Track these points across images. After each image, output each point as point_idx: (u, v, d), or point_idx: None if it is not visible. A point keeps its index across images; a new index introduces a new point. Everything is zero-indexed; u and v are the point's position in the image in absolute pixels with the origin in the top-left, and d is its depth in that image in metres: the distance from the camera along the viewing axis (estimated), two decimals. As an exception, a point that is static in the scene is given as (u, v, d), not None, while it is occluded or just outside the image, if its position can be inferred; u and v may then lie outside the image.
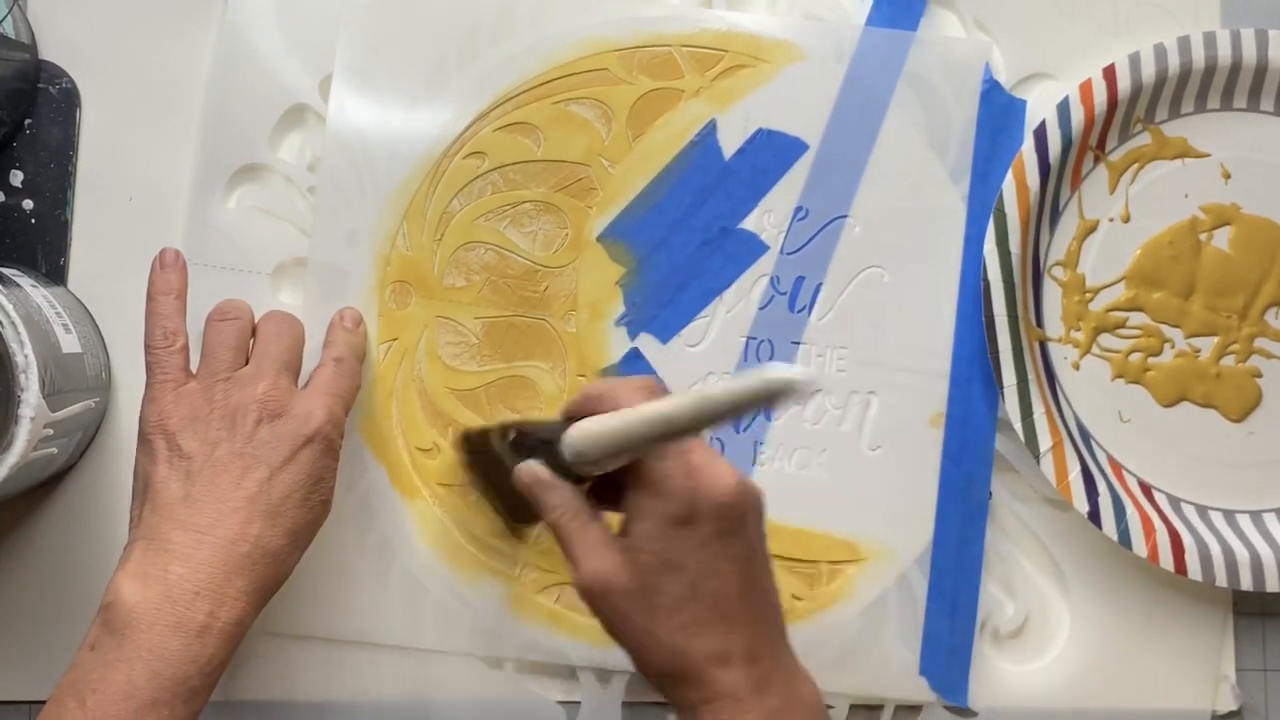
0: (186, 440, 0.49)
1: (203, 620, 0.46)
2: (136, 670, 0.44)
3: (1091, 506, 0.58)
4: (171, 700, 0.45)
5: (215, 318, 0.53)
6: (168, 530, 0.47)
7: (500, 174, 0.59)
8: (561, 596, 0.58)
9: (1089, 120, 0.59)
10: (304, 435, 0.50)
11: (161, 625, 0.45)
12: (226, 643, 0.46)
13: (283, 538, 0.48)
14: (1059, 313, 0.60)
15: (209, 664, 0.46)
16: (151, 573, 0.46)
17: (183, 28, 0.59)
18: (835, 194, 0.60)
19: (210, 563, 0.46)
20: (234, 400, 0.50)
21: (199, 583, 0.46)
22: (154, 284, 0.52)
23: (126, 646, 0.45)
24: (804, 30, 0.60)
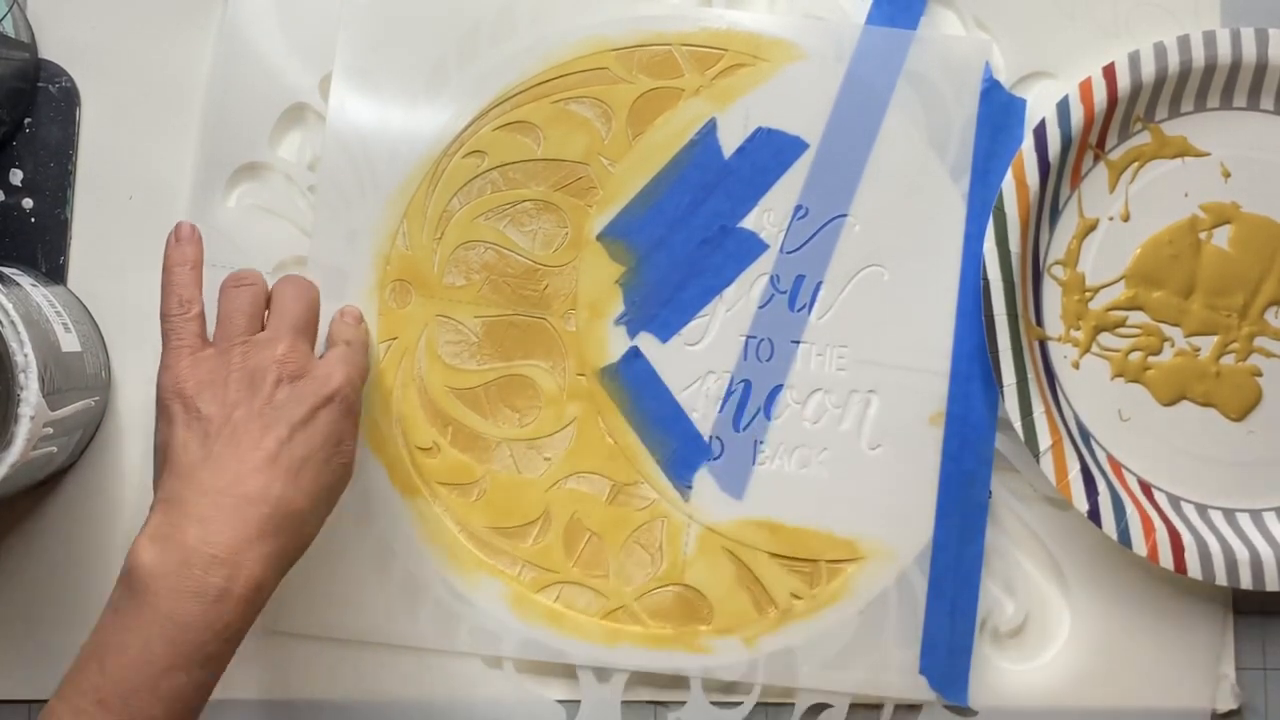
0: (204, 403, 0.48)
1: (221, 585, 0.45)
2: (154, 636, 0.44)
3: (1091, 505, 0.58)
4: (188, 666, 0.44)
5: (230, 284, 0.53)
6: (187, 493, 0.46)
7: (500, 173, 0.59)
8: (561, 596, 0.58)
9: (1089, 119, 0.59)
10: (324, 395, 0.50)
11: (180, 590, 0.45)
12: (246, 608, 0.46)
13: (304, 499, 0.48)
14: (1059, 311, 0.60)
15: (227, 630, 0.45)
16: (171, 535, 0.45)
17: (183, 27, 0.59)
18: (835, 193, 0.60)
19: (230, 525, 0.46)
20: (252, 362, 0.50)
21: (217, 546, 0.45)
22: (170, 257, 0.52)
23: (145, 611, 0.44)
24: (804, 29, 0.60)
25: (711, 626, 0.59)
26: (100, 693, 0.44)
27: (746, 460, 0.59)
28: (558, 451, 0.59)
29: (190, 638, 0.44)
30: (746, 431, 0.59)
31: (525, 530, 0.59)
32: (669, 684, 0.59)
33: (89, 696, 0.44)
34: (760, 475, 0.59)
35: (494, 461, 0.59)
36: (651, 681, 0.59)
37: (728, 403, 0.59)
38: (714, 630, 0.59)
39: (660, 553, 0.59)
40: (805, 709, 0.59)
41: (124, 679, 0.44)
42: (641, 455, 0.59)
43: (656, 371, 0.59)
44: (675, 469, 0.59)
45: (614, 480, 0.59)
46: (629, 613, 0.59)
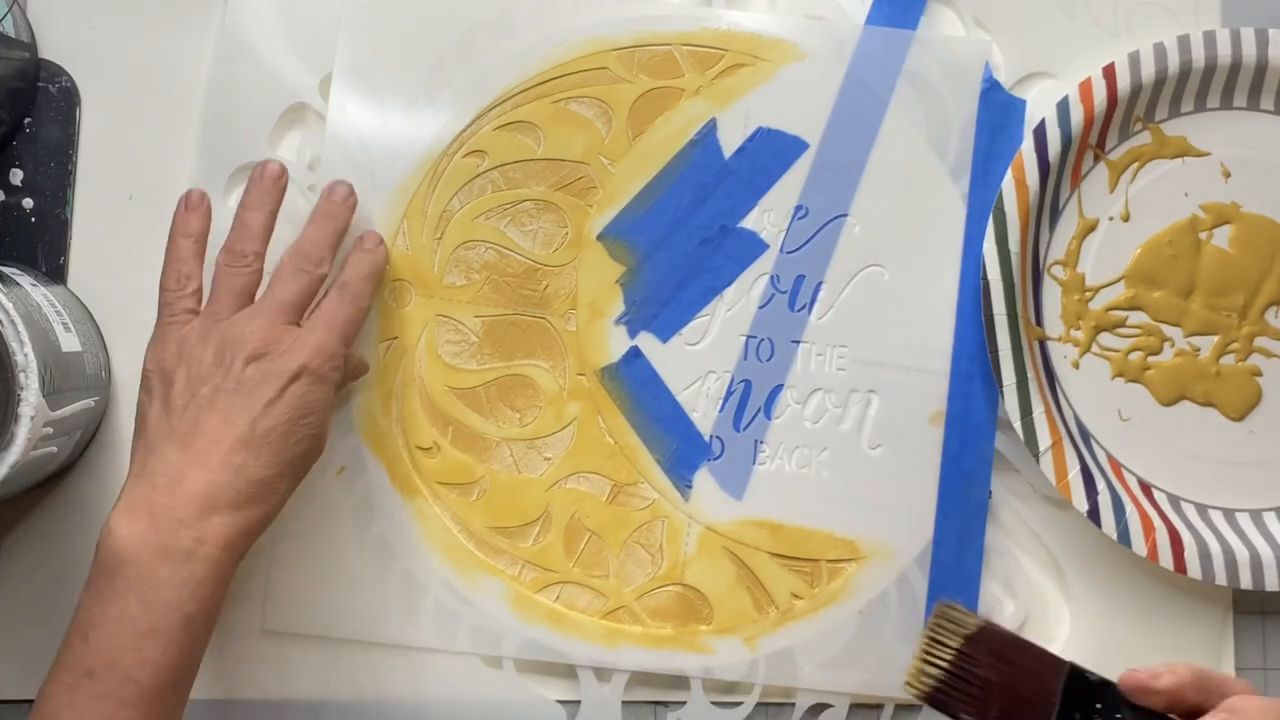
0: (179, 379, 0.50)
1: (188, 546, 0.46)
2: (130, 601, 0.45)
3: (1091, 505, 0.58)
4: (168, 628, 0.45)
5: (226, 262, 0.53)
6: (154, 465, 0.48)
7: (500, 173, 0.59)
8: (561, 596, 0.58)
9: (1089, 119, 0.59)
10: (290, 371, 0.50)
11: (148, 555, 0.46)
12: (215, 568, 0.47)
13: (269, 468, 0.49)
14: (1059, 312, 0.60)
15: (200, 588, 0.46)
16: (138, 506, 0.47)
17: (183, 27, 0.59)
18: (835, 193, 0.60)
19: (193, 493, 0.47)
20: (226, 339, 0.50)
21: (182, 512, 0.46)
22: (176, 225, 0.53)
23: (119, 579, 0.46)
24: (804, 29, 0.60)
25: (712, 626, 0.59)
26: (86, 664, 0.45)
27: (747, 460, 0.59)
28: (558, 451, 0.59)
29: (164, 598, 0.45)
30: (747, 431, 0.59)
31: (525, 530, 0.59)
32: (669, 684, 0.59)
33: (76, 670, 0.45)
34: (760, 475, 0.59)
35: (494, 461, 0.59)
36: (652, 681, 0.59)
37: (728, 403, 0.59)
38: (714, 630, 0.59)
39: (660, 552, 0.59)
40: (805, 709, 0.59)
41: (107, 647, 0.45)
42: (642, 455, 0.59)
43: (657, 371, 0.59)
44: (675, 469, 0.59)
45: (614, 480, 0.59)
46: (629, 613, 0.59)
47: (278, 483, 0.49)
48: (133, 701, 0.45)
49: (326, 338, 0.51)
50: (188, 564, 0.46)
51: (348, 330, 0.53)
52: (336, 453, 0.58)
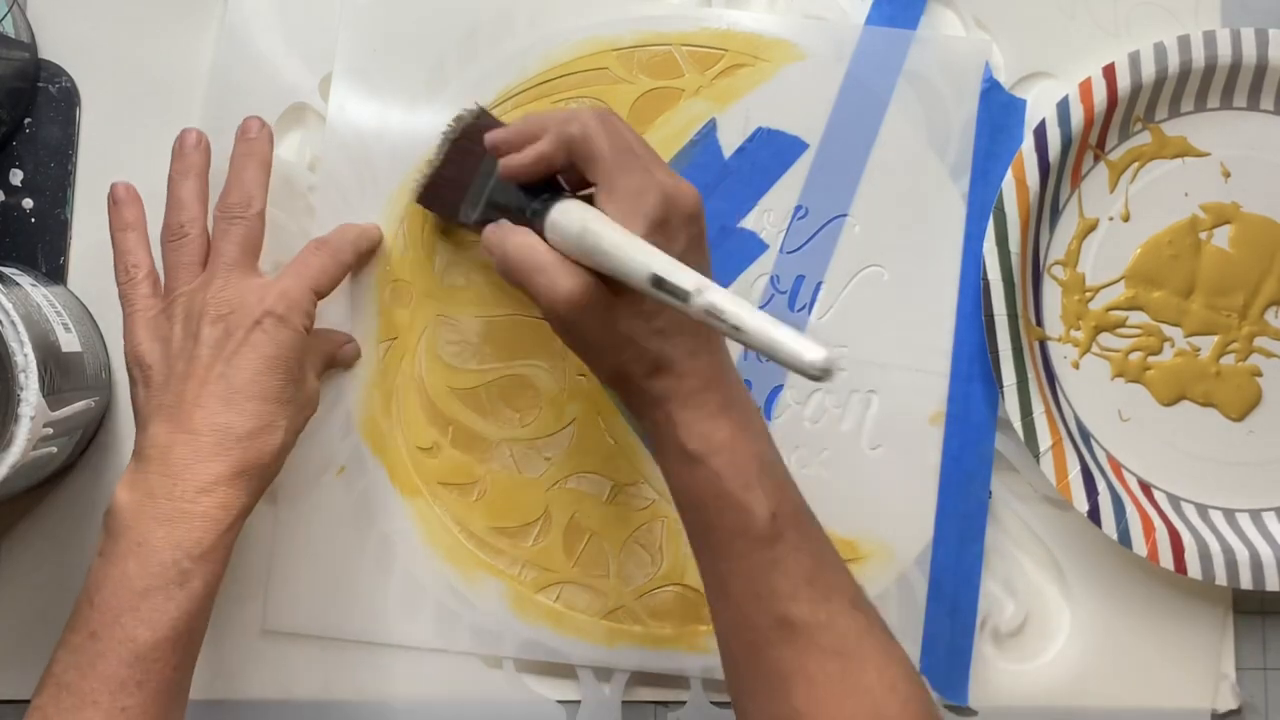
0: (155, 360, 0.50)
1: (183, 506, 0.47)
2: (129, 563, 0.47)
3: (1091, 505, 0.58)
4: (164, 585, 0.47)
5: (167, 238, 0.53)
6: (149, 441, 0.49)
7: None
8: (561, 596, 0.58)
9: (1089, 119, 0.59)
10: (252, 319, 0.50)
11: (145, 518, 0.47)
12: (211, 525, 0.48)
13: (250, 420, 0.49)
14: (1059, 312, 0.60)
15: (195, 546, 0.47)
16: (136, 479, 0.48)
17: (183, 27, 0.59)
18: (835, 193, 0.60)
19: (182, 457, 0.48)
20: (188, 310, 0.51)
21: (175, 475, 0.48)
22: (112, 222, 0.54)
23: (120, 544, 0.47)
24: (804, 29, 0.60)
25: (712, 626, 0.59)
26: (91, 625, 0.46)
27: (746, 460, 0.59)
28: (558, 451, 0.59)
29: (160, 558, 0.47)
30: (746, 431, 0.59)
31: (525, 530, 0.59)
32: (669, 684, 0.59)
33: (82, 632, 0.46)
34: (760, 475, 0.59)
35: (494, 461, 0.59)
36: (652, 681, 0.59)
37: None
38: (714, 630, 0.58)
39: (660, 552, 0.59)
40: (805, 709, 0.59)
41: (109, 608, 0.46)
42: (642, 455, 0.59)
43: (656, 371, 0.59)
44: (675, 469, 0.59)
45: (614, 480, 0.59)
46: (629, 612, 0.59)
47: (267, 435, 0.50)
48: (130, 659, 0.46)
49: (292, 284, 0.52)
50: (181, 521, 0.47)
51: (320, 279, 0.53)
52: (336, 453, 0.58)
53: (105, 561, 0.47)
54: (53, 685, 0.46)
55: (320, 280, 0.53)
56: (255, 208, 0.53)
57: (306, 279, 0.52)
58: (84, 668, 0.46)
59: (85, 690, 0.46)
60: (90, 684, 0.46)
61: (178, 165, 0.54)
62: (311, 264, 0.53)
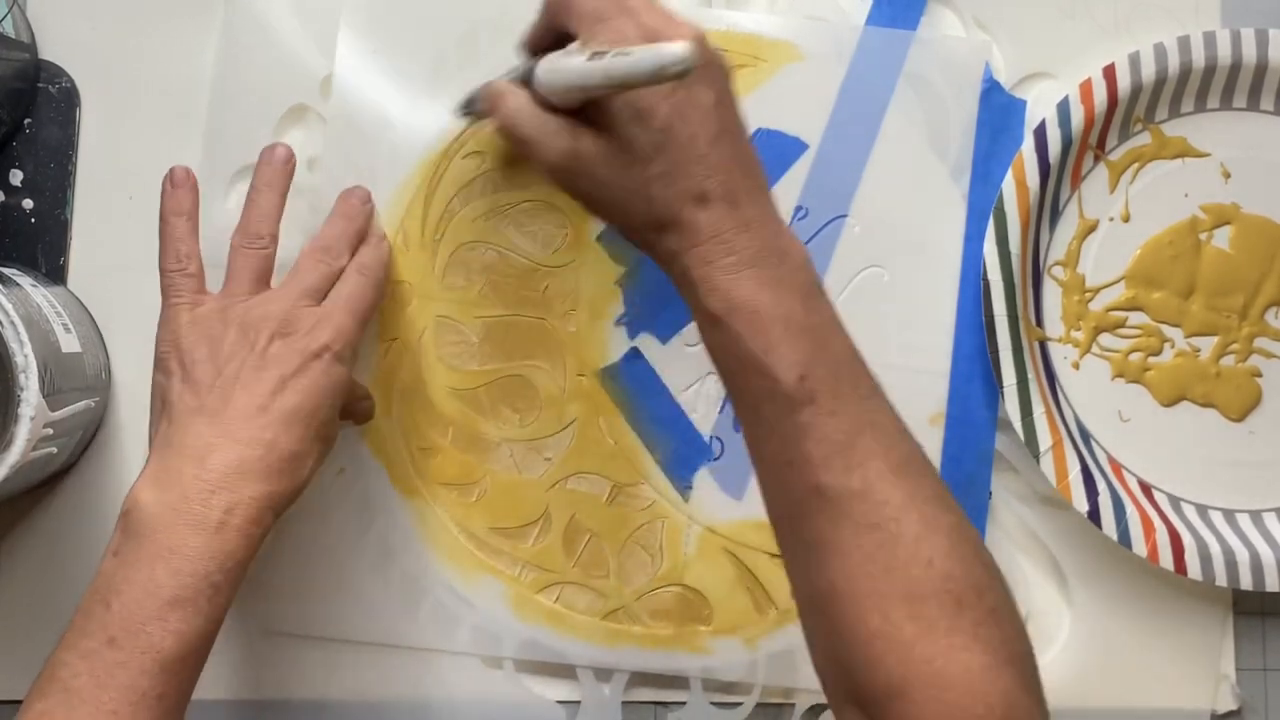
0: (201, 358, 0.49)
1: (220, 517, 0.46)
2: (158, 569, 0.45)
3: (1091, 506, 0.58)
4: (195, 597, 0.45)
5: (242, 244, 0.53)
6: (182, 437, 0.47)
7: (500, 173, 0.59)
8: (561, 596, 0.58)
9: (1089, 119, 0.59)
10: (312, 350, 0.50)
11: (180, 524, 0.45)
12: (245, 541, 0.47)
13: (299, 443, 0.49)
14: (1059, 312, 0.60)
15: (229, 559, 0.46)
16: (168, 477, 0.46)
17: (183, 28, 0.59)
18: (835, 193, 0.60)
19: (225, 463, 0.47)
20: (248, 318, 0.50)
21: (214, 482, 0.46)
22: (166, 205, 0.53)
23: (146, 546, 0.45)
24: (804, 30, 0.60)
25: (712, 627, 0.59)
26: (109, 631, 0.44)
27: (747, 461, 0.59)
28: (558, 452, 0.59)
29: (194, 568, 0.45)
30: (747, 432, 0.59)
31: (525, 531, 0.59)
32: (669, 684, 0.59)
33: (97, 637, 0.44)
34: (760, 476, 0.59)
35: (494, 462, 0.59)
36: (652, 682, 0.59)
37: (728, 403, 0.59)
38: (714, 631, 0.59)
39: (660, 553, 0.59)
40: (805, 709, 0.59)
41: (132, 615, 0.44)
42: (642, 456, 0.59)
43: (656, 372, 0.59)
44: (675, 469, 0.59)
45: (614, 481, 0.59)
46: (629, 613, 0.59)
47: (305, 459, 0.49)
48: (153, 670, 0.44)
49: (347, 320, 0.52)
50: (219, 534, 0.46)
51: (366, 314, 0.53)
52: (337, 453, 0.58)
53: (127, 564, 0.45)
54: (60, 690, 0.44)
55: (366, 316, 0.53)
56: (341, 261, 0.54)
57: (358, 315, 0.52)
58: (100, 675, 0.44)
59: (102, 700, 0.43)
60: (108, 694, 0.43)
61: (267, 174, 0.54)
62: (361, 298, 0.53)
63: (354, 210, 0.56)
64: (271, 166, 0.54)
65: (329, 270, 0.53)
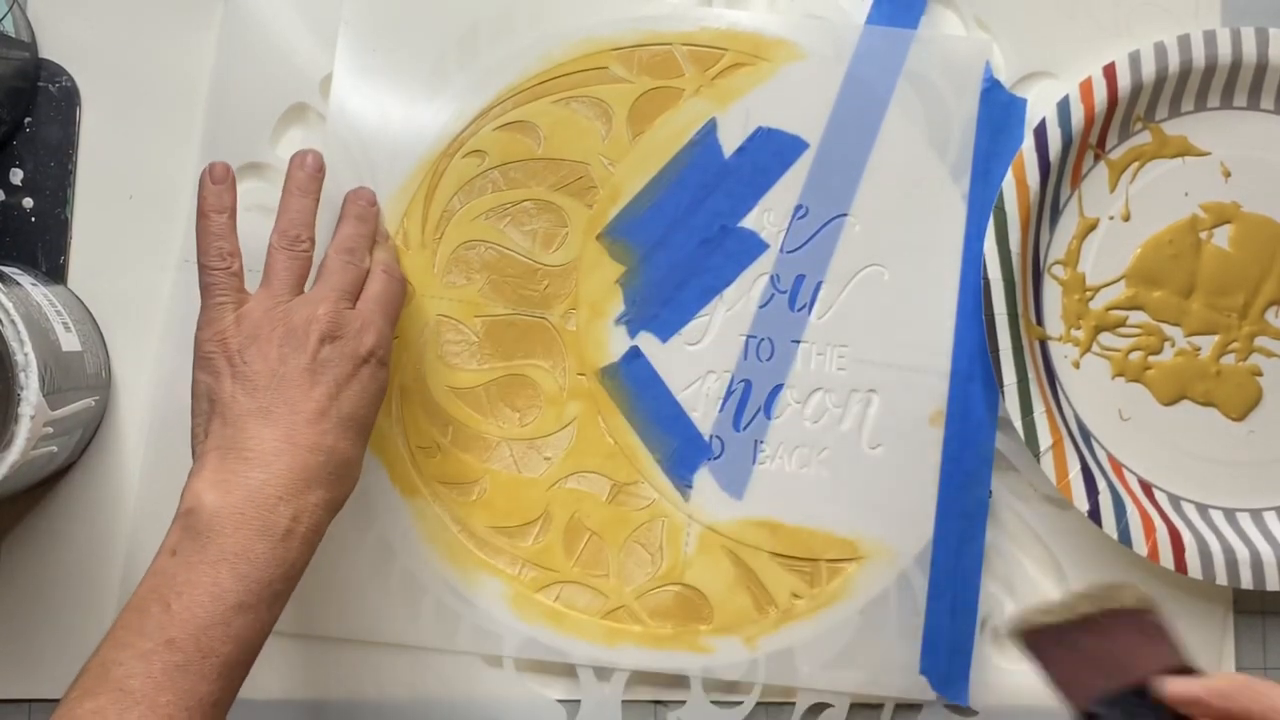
0: (251, 358, 0.49)
1: (287, 525, 0.46)
2: (223, 573, 0.45)
3: (1091, 505, 0.58)
4: (257, 603, 0.45)
5: (282, 245, 0.53)
6: (244, 440, 0.47)
7: (500, 172, 0.59)
8: (561, 595, 0.58)
9: (1089, 119, 0.59)
10: (360, 355, 0.51)
11: (247, 529, 0.45)
12: (308, 549, 0.47)
13: (353, 448, 0.49)
14: (1059, 311, 0.60)
15: (292, 568, 0.46)
16: (232, 480, 0.46)
17: (183, 27, 0.59)
18: (835, 192, 0.60)
19: (291, 469, 0.47)
20: (296, 319, 0.50)
21: (281, 488, 0.46)
22: (206, 200, 0.52)
23: (211, 549, 0.45)
24: (804, 29, 0.60)
25: (712, 626, 0.59)
26: (168, 632, 0.43)
27: (747, 460, 0.59)
28: (558, 451, 0.59)
29: (259, 574, 0.45)
30: (747, 431, 0.59)
31: (525, 530, 0.59)
32: (669, 683, 0.59)
33: (155, 637, 0.43)
34: (760, 475, 0.59)
35: (494, 461, 0.59)
36: (652, 681, 0.59)
37: (728, 402, 0.59)
38: (714, 630, 0.59)
39: (660, 552, 0.59)
40: (805, 709, 0.59)
41: (194, 617, 0.44)
42: (642, 455, 0.59)
43: (657, 371, 0.59)
44: (675, 468, 0.59)
45: (614, 480, 0.59)
46: (629, 612, 0.59)
47: (358, 464, 0.50)
48: (213, 675, 0.44)
49: (384, 324, 0.53)
50: (285, 541, 0.46)
51: (398, 315, 0.55)
52: (336, 452, 0.58)
53: (189, 565, 0.45)
54: (113, 690, 0.42)
55: (397, 315, 0.55)
56: (366, 263, 0.54)
57: (392, 318, 0.54)
58: (157, 677, 0.43)
59: (159, 702, 0.42)
60: (165, 696, 0.43)
61: (300, 179, 0.54)
62: (393, 300, 0.54)
63: (365, 212, 0.56)
64: (305, 171, 0.54)
65: (357, 271, 0.54)
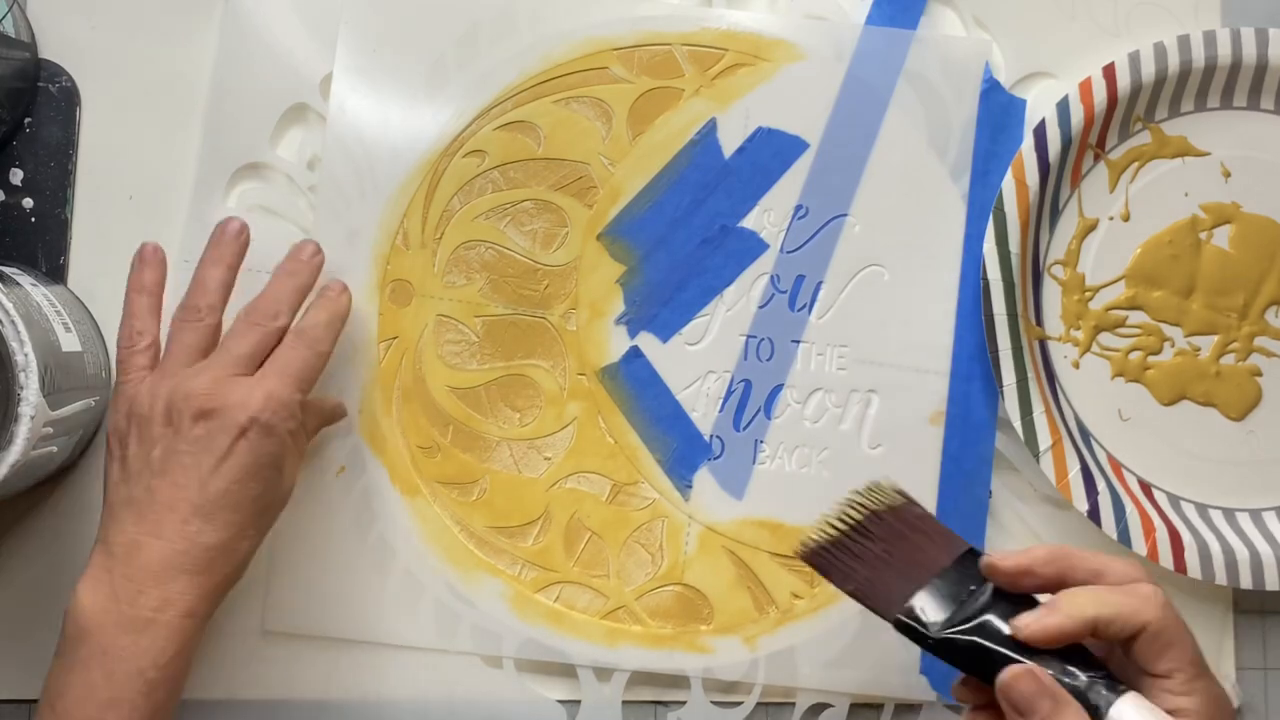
0: (131, 441, 0.49)
1: (148, 615, 0.47)
2: (93, 671, 0.46)
3: (1091, 505, 0.58)
4: (132, 696, 0.46)
5: (182, 318, 0.52)
6: (114, 534, 0.48)
7: (500, 172, 0.59)
8: (561, 595, 0.58)
9: (1089, 119, 0.59)
10: (238, 425, 0.49)
11: (109, 624, 0.46)
12: (176, 635, 0.47)
13: (224, 530, 0.48)
14: (1059, 311, 0.60)
15: (161, 656, 0.47)
16: (100, 576, 0.47)
17: (183, 27, 0.59)
18: (835, 192, 0.60)
19: (150, 563, 0.47)
20: (174, 396, 0.49)
21: (141, 581, 0.47)
22: (129, 281, 0.53)
23: (81, 649, 0.46)
24: (804, 29, 0.60)
25: (712, 626, 0.59)
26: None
27: (747, 460, 0.59)
28: (558, 451, 0.59)
29: (125, 668, 0.46)
30: (747, 431, 0.59)
31: (525, 530, 0.59)
32: (669, 684, 0.59)
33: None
34: (760, 475, 0.59)
35: (494, 461, 0.59)
36: (652, 681, 0.59)
37: (728, 402, 0.59)
38: (714, 630, 0.59)
39: (661, 552, 0.59)
40: (806, 709, 0.59)
41: (72, 717, 0.46)
42: (642, 455, 0.59)
43: (657, 371, 0.59)
44: (676, 468, 0.59)
45: (614, 480, 0.59)
46: (629, 612, 0.59)
47: (236, 544, 0.49)
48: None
49: (278, 385, 0.50)
50: (147, 631, 0.46)
51: (303, 376, 0.51)
52: (336, 453, 0.58)
53: (66, 667, 0.46)
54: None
55: (304, 377, 0.51)
56: (280, 322, 0.52)
57: (290, 379, 0.51)
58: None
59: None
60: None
61: (214, 251, 0.54)
62: (294, 361, 0.51)
63: (299, 267, 0.54)
64: (223, 242, 0.54)
65: (263, 334, 0.52)
